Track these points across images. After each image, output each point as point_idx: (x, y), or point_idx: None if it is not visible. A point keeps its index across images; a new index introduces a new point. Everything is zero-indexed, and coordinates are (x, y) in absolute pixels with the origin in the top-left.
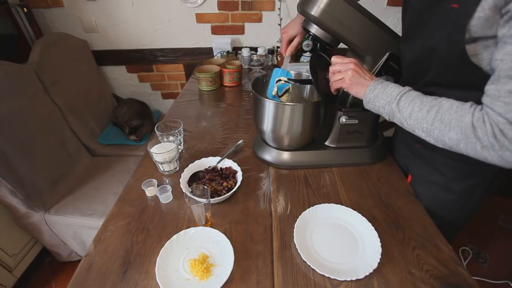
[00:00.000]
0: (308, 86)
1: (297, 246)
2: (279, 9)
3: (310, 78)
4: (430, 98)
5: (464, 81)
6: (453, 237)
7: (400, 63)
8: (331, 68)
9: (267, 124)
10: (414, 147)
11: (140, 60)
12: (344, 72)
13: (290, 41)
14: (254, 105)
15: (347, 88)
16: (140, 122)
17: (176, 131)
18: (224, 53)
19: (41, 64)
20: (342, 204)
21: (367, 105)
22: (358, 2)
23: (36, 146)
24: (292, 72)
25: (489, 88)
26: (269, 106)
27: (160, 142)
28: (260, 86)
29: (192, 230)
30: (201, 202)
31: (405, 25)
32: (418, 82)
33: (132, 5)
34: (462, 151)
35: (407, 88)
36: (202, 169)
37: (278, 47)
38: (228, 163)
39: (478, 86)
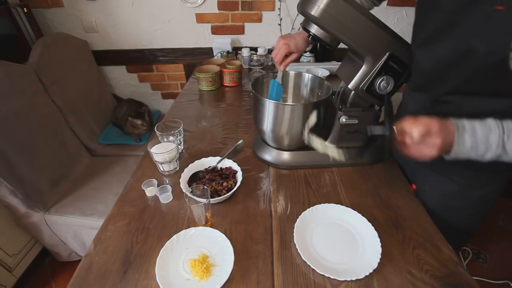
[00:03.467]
0: (308, 86)
1: (297, 246)
2: (279, 9)
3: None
4: None
5: (493, 88)
6: (464, 243)
7: (401, 63)
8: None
9: (267, 124)
10: None
11: (140, 60)
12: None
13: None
14: (254, 105)
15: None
16: (142, 110)
17: (176, 131)
18: (224, 53)
19: (41, 64)
20: (342, 204)
21: (453, 158)
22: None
23: (36, 146)
24: (292, 72)
25: None
26: (269, 106)
27: (160, 142)
28: (260, 86)
29: (192, 230)
30: (201, 202)
31: (425, 29)
32: (435, 90)
33: (132, 5)
34: None
35: (495, 123)
36: (202, 169)
37: None
38: (228, 163)
39: (508, 93)
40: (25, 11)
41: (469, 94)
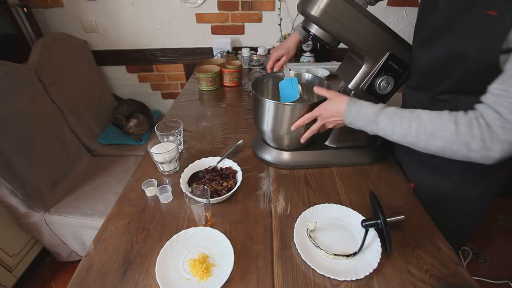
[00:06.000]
0: (308, 86)
1: (297, 246)
2: (279, 9)
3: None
4: (406, 111)
5: (485, 88)
6: (463, 242)
7: (401, 63)
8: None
9: (267, 124)
10: (420, 154)
11: (140, 60)
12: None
13: (279, 59)
14: (254, 105)
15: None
16: (136, 114)
17: (176, 131)
18: (224, 53)
19: (41, 64)
20: (342, 204)
21: (350, 125)
22: (359, 3)
23: (36, 146)
24: (292, 73)
25: (496, 87)
26: (269, 106)
27: (160, 142)
28: (260, 86)
29: (192, 230)
30: (201, 202)
31: (424, 30)
32: (433, 89)
33: (132, 5)
34: (449, 155)
35: (381, 105)
36: (202, 169)
37: None
38: (228, 163)
39: None
40: (25, 11)
41: (465, 93)
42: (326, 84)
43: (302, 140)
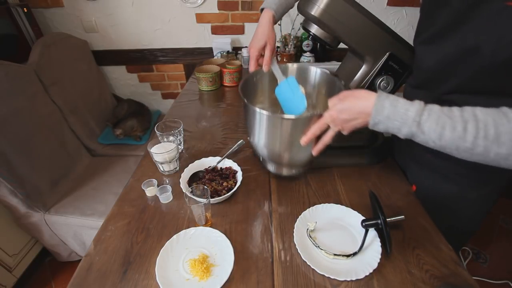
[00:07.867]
0: (316, 85)
1: (297, 246)
2: None
3: None
4: (455, 110)
5: (497, 87)
6: (464, 243)
7: (401, 63)
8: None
9: (259, 139)
10: (423, 157)
11: (140, 60)
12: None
13: (262, 55)
14: (244, 113)
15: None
16: (128, 118)
17: (176, 131)
18: (224, 53)
19: (41, 64)
20: (342, 204)
21: (374, 127)
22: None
23: (36, 146)
24: (294, 66)
25: None
26: (260, 119)
27: (160, 142)
28: (252, 87)
29: (192, 230)
30: (201, 202)
31: (433, 26)
32: (440, 88)
33: (132, 5)
34: (507, 165)
35: (417, 101)
36: (202, 169)
37: (278, 47)
38: (228, 163)
39: (510, 92)
40: (25, 11)
41: (474, 93)
42: (338, 85)
43: (315, 153)
